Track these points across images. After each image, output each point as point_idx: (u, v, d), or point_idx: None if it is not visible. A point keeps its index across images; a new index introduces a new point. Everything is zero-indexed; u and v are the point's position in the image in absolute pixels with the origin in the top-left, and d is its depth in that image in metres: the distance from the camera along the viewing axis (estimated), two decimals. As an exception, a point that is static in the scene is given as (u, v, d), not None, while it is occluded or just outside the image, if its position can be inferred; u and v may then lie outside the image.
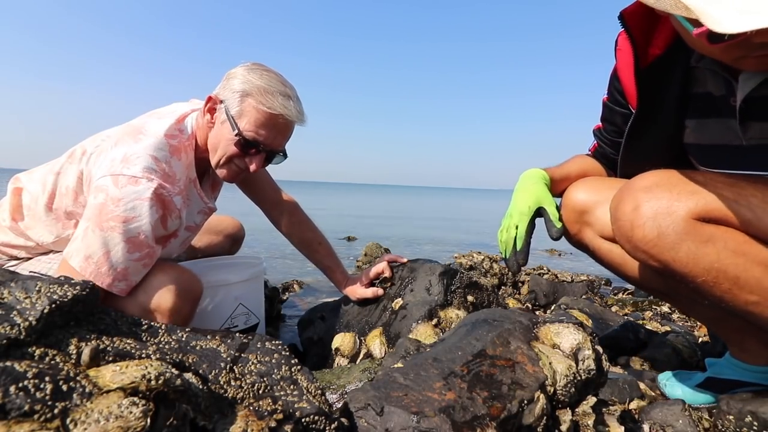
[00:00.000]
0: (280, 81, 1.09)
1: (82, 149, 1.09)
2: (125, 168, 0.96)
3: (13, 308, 0.53)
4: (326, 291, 2.44)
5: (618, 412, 0.89)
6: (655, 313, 1.99)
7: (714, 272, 0.74)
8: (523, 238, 1.03)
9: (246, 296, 1.39)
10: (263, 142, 1.08)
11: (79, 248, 0.94)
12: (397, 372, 0.74)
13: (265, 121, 1.06)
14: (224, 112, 1.07)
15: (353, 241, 4.99)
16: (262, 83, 1.05)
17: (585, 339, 0.82)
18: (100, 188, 0.95)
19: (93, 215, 0.94)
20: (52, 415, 0.41)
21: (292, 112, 1.08)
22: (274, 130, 1.08)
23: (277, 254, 3.73)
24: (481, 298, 1.36)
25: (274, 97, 1.05)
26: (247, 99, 1.05)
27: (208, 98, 1.10)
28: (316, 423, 0.58)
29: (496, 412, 0.66)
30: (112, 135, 1.07)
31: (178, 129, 1.10)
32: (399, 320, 1.22)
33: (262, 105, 1.05)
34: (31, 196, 1.12)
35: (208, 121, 1.11)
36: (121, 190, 0.94)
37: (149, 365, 0.48)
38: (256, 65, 1.10)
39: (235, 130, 1.06)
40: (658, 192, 0.78)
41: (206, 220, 1.30)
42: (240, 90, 1.05)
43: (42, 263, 1.12)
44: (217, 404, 0.55)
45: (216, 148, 1.10)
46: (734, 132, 0.83)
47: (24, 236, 1.13)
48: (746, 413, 0.89)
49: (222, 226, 1.68)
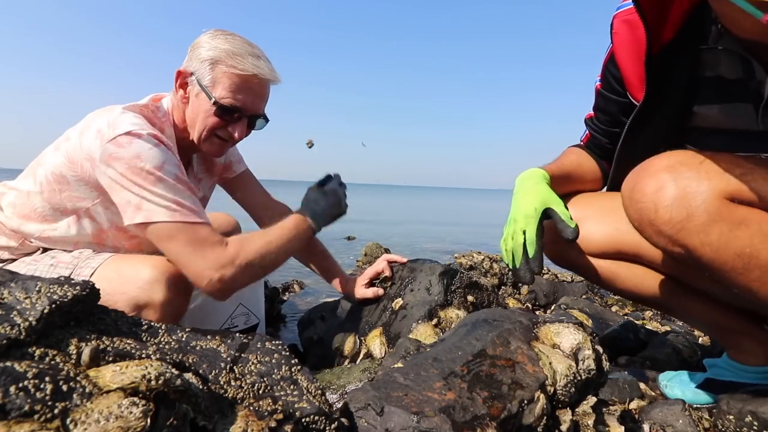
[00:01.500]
0: (247, 42, 1.06)
1: (65, 137, 1.07)
2: (115, 129, 0.95)
3: (13, 308, 0.53)
4: (326, 291, 2.44)
5: (618, 412, 0.89)
6: (655, 313, 1.99)
7: (745, 258, 0.68)
8: (534, 243, 0.92)
9: (246, 296, 1.39)
10: (242, 107, 1.05)
11: (153, 206, 0.93)
12: (397, 372, 0.74)
13: (240, 85, 1.04)
14: (196, 83, 1.04)
15: (353, 240, 4.99)
16: (229, 47, 1.03)
17: (585, 339, 0.82)
18: (112, 157, 0.93)
19: (132, 180, 0.92)
20: (53, 416, 0.41)
21: (265, 70, 1.05)
22: (251, 92, 1.06)
23: (277, 254, 3.72)
24: (481, 298, 1.36)
25: (244, 59, 1.02)
26: (218, 66, 1.02)
27: (177, 73, 1.07)
28: (317, 423, 0.58)
29: (496, 412, 0.66)
30: (90, 115, 1.05)
31: (154, 108, 1.08)
32: (399, 320, 1.22)
33: (234, 68, 1.02)
34: (18, 193, 1.10)
35: (182, 97, 1.08)
36: (130, 148, 0.93)
37: (149, 365, 0.48)
38: (219, 31, 1.07)
39: (212, 99, 1.03)
40: (684, 171, 0.72)
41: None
42: (208, 58, 1.03)
43: (26, 264, 1.09)
44: (218, 404, 0.55)
45: (194, 122, 1.07)
46: (749, 116, 0.78)
47: (7, 234, 1.11)
48: (746, 413, 0.89)
49: (217, 223, 1.64)
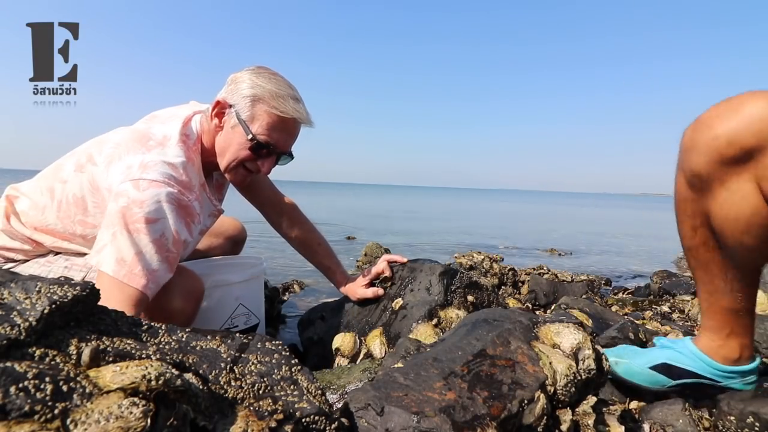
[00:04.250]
0: (288, 85, 1.10)
1: (88, 156, 1.07)
2: (144, 173, 0.96)
3: (13, 309, 0.53)
4: (326, 291, 2.44)
5: (618, 411, 0.89)
6: (655, 313, 1.99)
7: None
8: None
9: (246, 296, 1.39)
10: (275, 144, 1.09)
11: (110, 253, 0.92)
12: (397, 372, 0.74)
13: (278, 125, 1.07)
14: (234, 116, 1.07)
15: (353, 241, 5.00)
16: (272, 87, 1.06)
17: (585, 339, 0.82)
18: (121, 193, 0.94)
19: (118, 219, 0.92)
20: (53, 416, 0.41)
21: (304, 115, 1.09)
22: (285, 132, 1.10)
23: (278, 254, 3.73)
24: (481, 297, 1.36)
25: (285, 101, 1.06)
26: (259, 103, 1.06)
27: (216, 102, 1.10)
28: (317, 423, 0.58)
29: (497, 411, 0.66)
30: (121, 142, 1.05)
31: (185, 134, 1.10)
32: (399, 320, 1.22)
33: (275, 109, 1.05)
34: (32, 203, 1.11)
35: (216, 125, 1.11)
36: (143, 193, 0.93)
37: (149, 365, 0.48)
38: (262, 68, 1.10)
39: (249, 135, 1.06)
40: None
41: (215, 222, 1.30)
42: (250, 95, 1.06)
43: (39, 266, 1.11)
44: (218, 404, 0.55)
45: (225, 152, 1.10)
46: None
47: (20, 239, 1.12)
48: (748, 414, 0.88)
49: (223, 228, 1.66)
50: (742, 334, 0.95)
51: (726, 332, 0.95)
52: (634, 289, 2.70)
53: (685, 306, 2.05)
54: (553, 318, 0.89)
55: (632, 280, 3.32)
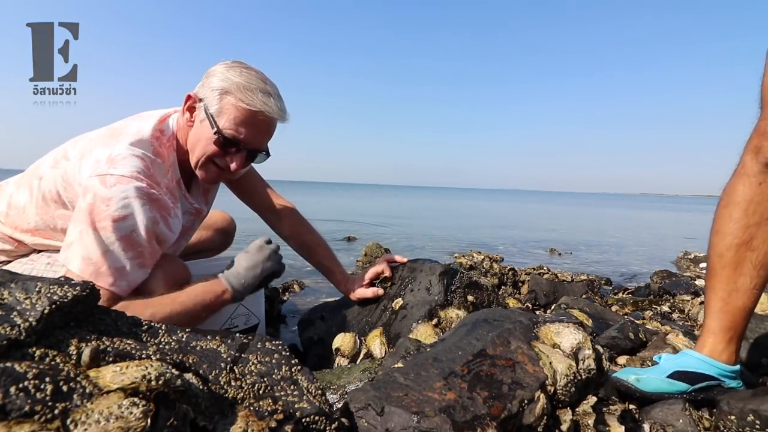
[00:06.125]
0: (260, 78, 1.06)
1: (63, 152, 1.06)
2: (112, 168, 0.94)
3: (13, 309, 0.53)
4: (326, 291, 2.44)
5: (618, 411, 0.89)
6: (655, 313, 1.99)
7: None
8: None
9: (246, 297, 1.39)
10: (243, 140, 1.05)
11: (76, 251, 0.92)
12: (397, 372, 0.74)
13: (244, 119, 1.03)
14: (203, 110, 1.04)
15: (353, 241, 5.00)
16: (241, 80, 1.03)
17: (585, 338, 0.82)
18: (88, 189, 0.92)
19: (84, 217, 0.91)
20: (53, 416, 0.41)
21: (273, 108, 1.05)
22: (254, 127, 1.06)
23: (277, 254, 3.72)
24: (481, 297, 1.36)
25: (253, 94, 1.02)
26: (227, 96, 1.02)
27: (187, 96, 1.07)
28: (317, 423, 0.58)
29: (497, 411, 0.66)
30: (94, 138, 1.04)
31: (159, 130, 1.07)
32: (399, 320, 1.22)
33: (242, 102, 1.02)
34: (12, 202, 1.10)
35: (188, 120, 1.08)
36: (110, 190, 0.91)
37: (149, 366, 0.48)
38: (236, 63, 1.08)
39: (214, 129, 1.03)
40: None
41: (196, 221, 1.28)
42: (219, 87, 1.03)
43: (22, 265, 1.10)
44: (218, 404, 0.55)
45: (195, 147, 1.07)
46: None
47: (1, 238, 1.11)
48: (748, 412, 0.88)
49: (211, 220, 1.64)
50: (738, 337, 1.00)
51: (730, 335, 0.99)
52: (634, 289, 2.70)
53: (685, 306, 2.05)
54: (553, 318, 0.89)
55: (632, 280, 3.32)
